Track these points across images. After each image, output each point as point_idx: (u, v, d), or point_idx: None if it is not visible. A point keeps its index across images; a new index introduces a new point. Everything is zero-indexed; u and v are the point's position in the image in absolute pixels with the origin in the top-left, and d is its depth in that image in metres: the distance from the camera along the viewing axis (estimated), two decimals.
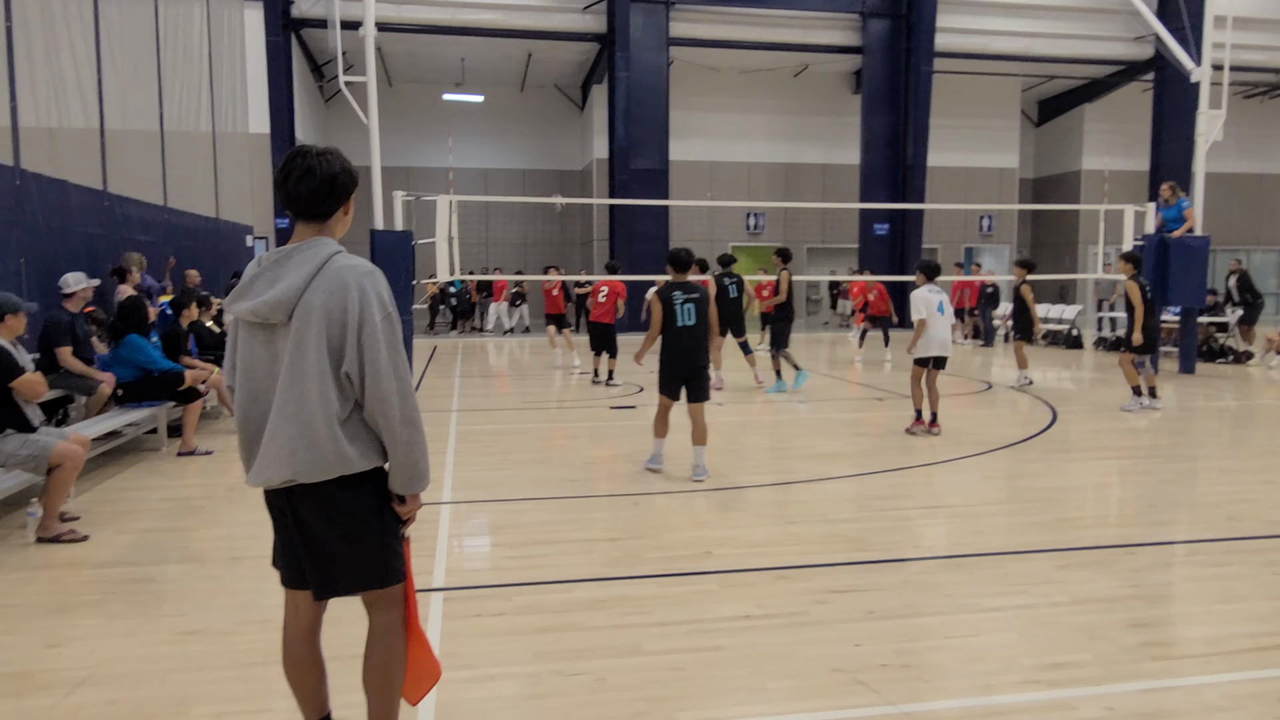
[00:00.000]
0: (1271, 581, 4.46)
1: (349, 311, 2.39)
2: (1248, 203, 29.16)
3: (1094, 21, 24.45)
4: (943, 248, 26.92)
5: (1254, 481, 6.69)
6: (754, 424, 9.59)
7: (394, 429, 2.45)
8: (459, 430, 8.93)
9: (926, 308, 8.20)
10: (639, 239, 22.30)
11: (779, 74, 25.70)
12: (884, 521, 5.58)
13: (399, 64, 25.15)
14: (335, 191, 2.50)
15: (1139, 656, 3.58)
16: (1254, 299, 16.10)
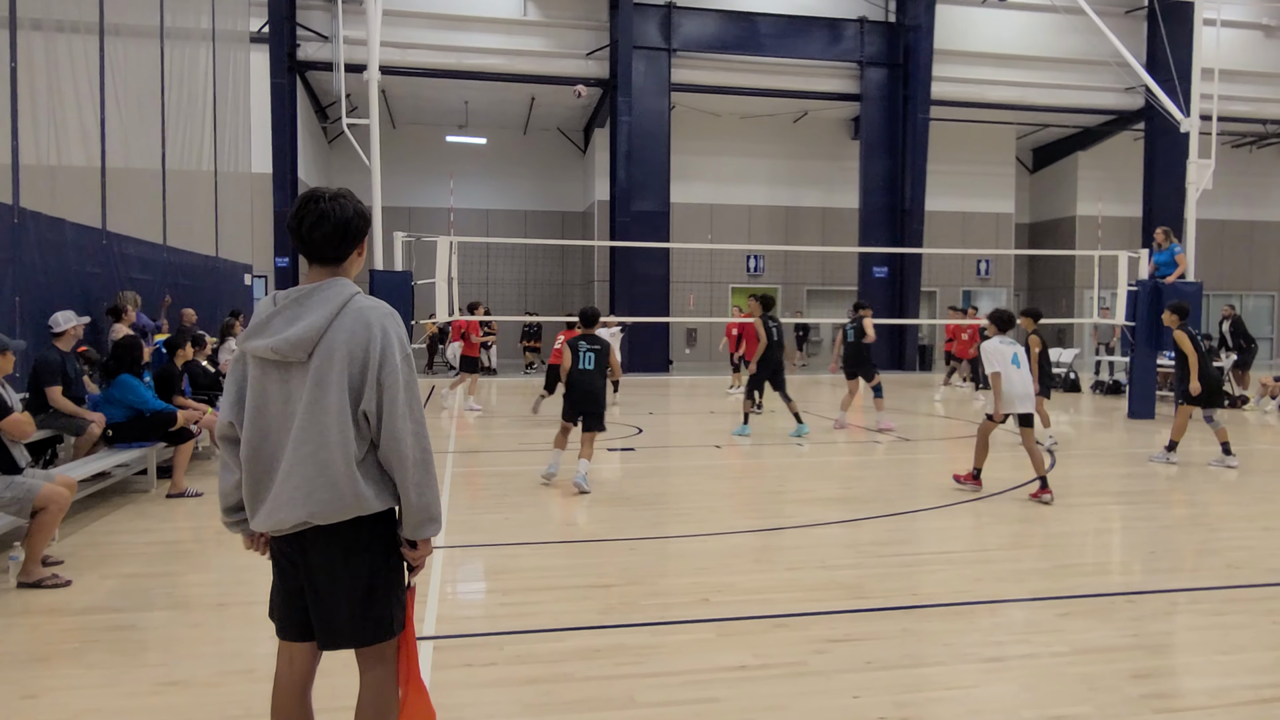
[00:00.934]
0: (1271, 631, 4.40)
1: (370, 351, 2.40)
2: (1239, 249, 29.40)
3: (1086, 72, 24.84)
4: (941, 291, 27.05)
5: (1252, 529, 6.63)
6: (753, 468, 9.54)
7: (407, 470, 2.43)
8: (454, 472, 8.87)
9: (1000, 361, 7.63)
10: (640, 280, 22.41)
11: (779, 119, 26.02)
12: (883, 568, 5.52)
13: (403, 106, 25.47)
14: (350, 235, 2.51)
15: (1141, 709, 3.52)
16: (1248, 344, 16.14)
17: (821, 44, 23.68)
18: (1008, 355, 7.64)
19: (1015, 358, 7.64)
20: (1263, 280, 30.10)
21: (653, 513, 7.15)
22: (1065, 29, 23.31)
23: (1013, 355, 7.64)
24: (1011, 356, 7.64)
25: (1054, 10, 22.05)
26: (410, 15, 21.33)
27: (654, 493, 8.17)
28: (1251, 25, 26.30)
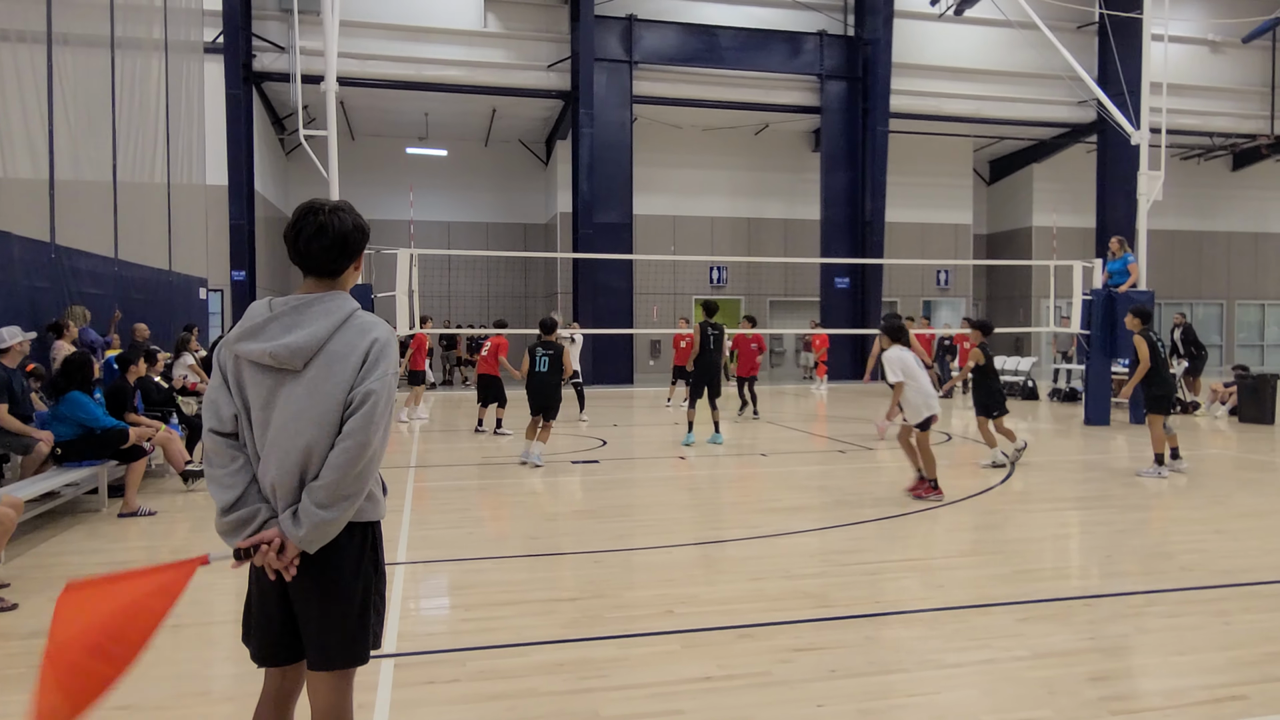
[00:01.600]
0: (1223, 632, 4.48)
1: (368, 357, 2.39)
2: (1189, 258, 30.16)
3: (1039, 86, 25.38)
4: (902, 301, 27.37)
5: (1205, 531, 6.77)
6: (717, 478, 9.55)
7: (350, 473, 2.34)
8: (415, 487, 8.77)
9: (904, 368, 7.87)
10: (603, 292, 22.41)
11: (741, 132, 26.23)
12: (847, 576, 5.54)
13: (362, 118, 25.27)
14: (348, 249, 2.48)
15: (1099, 711, 3.56)
16: (1198, 351, 16.53)
17: (781, 57, 23.93)
18: (912, 360, 7.97)
19: (920, 362, 8.05)
20: (1211, 289, 30.89)
21: (617, 525, 7.12)
22: (1019, 43, 23.81)
23: (917, 360, 8.04)
24: (917, 361, 8.02)
25: (1008, 25, 22.53)
26: (368, 26, 21.21)
27: (618, 505, 8.15)
28: (1198, 41, 27.08)
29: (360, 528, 2.47)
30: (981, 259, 30.13)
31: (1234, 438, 12.49)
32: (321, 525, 2.33)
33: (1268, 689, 3.77)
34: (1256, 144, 28.38)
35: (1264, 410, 13.98)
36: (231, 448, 2.43)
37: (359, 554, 2.47)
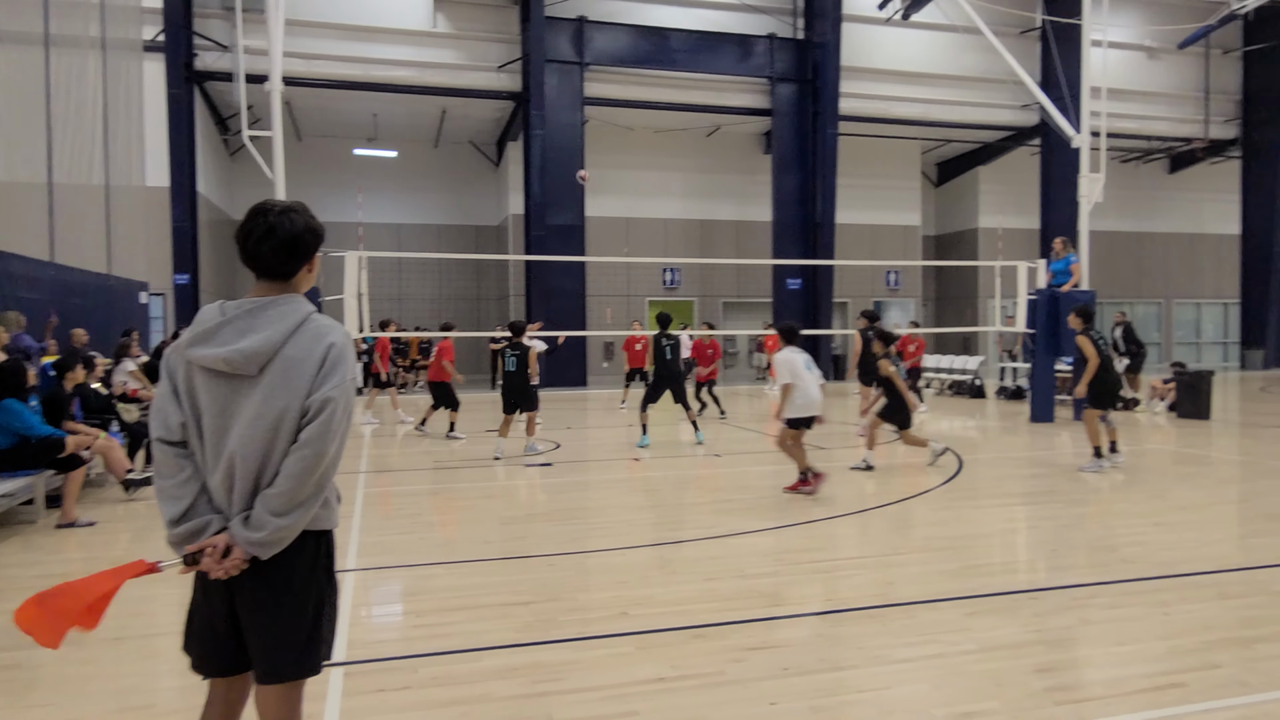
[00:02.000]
0: (1163, 622, 4.60)
1: (325, 364, 2.34)
2: (1129, 259, 31.01)
3: (985, 90, 25.90)
4: (852, 302, 27.71)
5: (1145, 524, 6.95)
6: (671, 480, 9.57)
7: (307, 482, 2.30)
8: (366, 493, 8.65)
9: (791, 370, 8.00)
10: (556, 294, 22.33)
11: (692, 134, 26.34)
12: (799, 575, 5.59)
13: (308, 119, 24.88)
14: (298, 251, 2.42)
15: (1044, 702, 3.63)
16: (1138, 349, 16.99)
17: (732, 60, 24.09)
18: (802, 363, 8.03)
19: (810, 364, 8.08)
20: (1150, 288, 31.78)
21: (571, 528, 7.09)
22: (965, 48, 24.29)
23: (806, 362, 8.06)
24: (805, 363, 8.05)
25: (954, 30, 22.96)
26: (314, 25, 20.89)
27: (572, 507, 8.12)
28: (1135, 47, 27.86)
29: (313, 536, 2.43)
30: (930, 260, 30.66)
31: (1172, 433, 12.86)
32: (276, 532, 2.29)
33: (1205, 676, 3.88)
34: (1192, 147, 29.29)
35: (1200, 406, 14.41)
36: (180, 457, 2.37)
37: (311, 563, 2.43)
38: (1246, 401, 18.14)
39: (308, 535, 2.41)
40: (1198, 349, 32.33)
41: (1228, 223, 30.96)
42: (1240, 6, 23.35)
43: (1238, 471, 9.63)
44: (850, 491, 8.41)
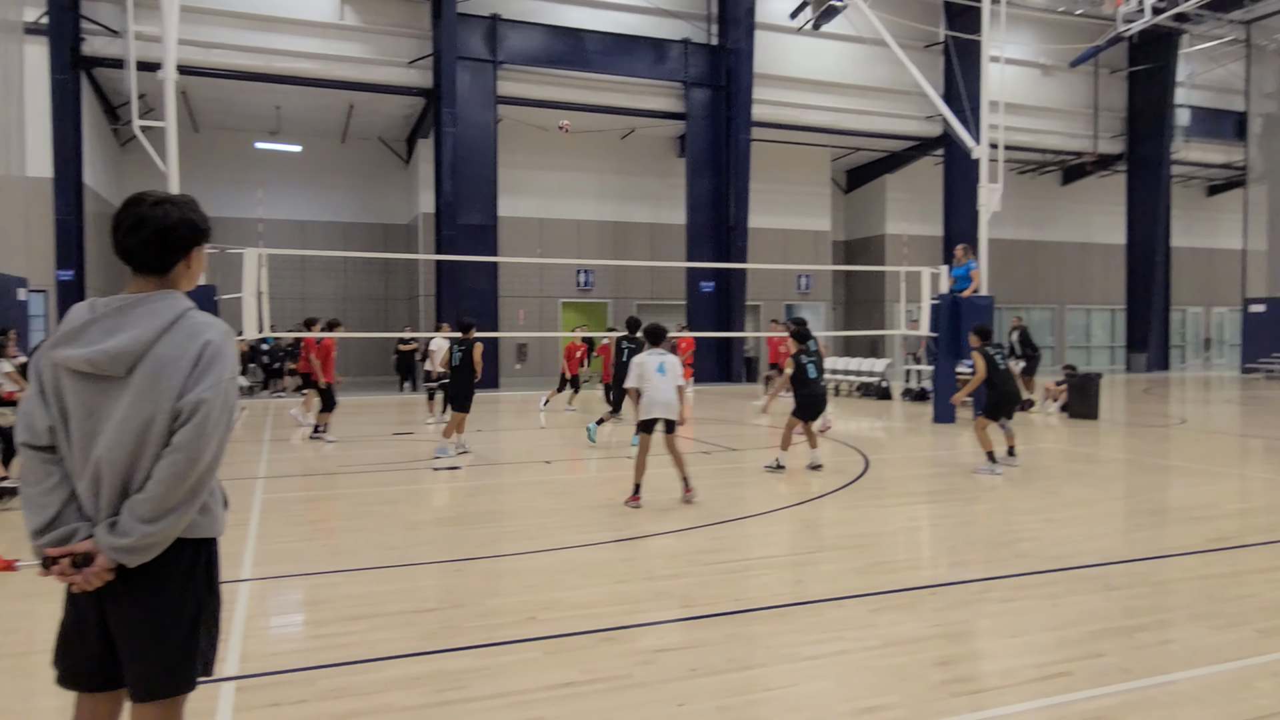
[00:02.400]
0: (1052, 613, 4.79)
1: (200, 362, 2.22)
2: (1025, 266, 32.35)
3: (891, 101, 26.65)
4: (765, 305, 28.16)
5: (1037, 520, 7.24)
6: (583, 482, 9.52)
7: (179, 488, 2.18)
8: (265, 499, 8.33)
9: (639, 373, 7.87)
10: (467, 295, 21.99)
11: (607, 135, 26.33)
12: (709, 576, 5.61)
13: (206, 109, 23.90)
14: (170, 244, 2.29)
15: (942, 694, 3.73)
16: (1033, 352, 17.74)
17: (647, 63, 24.18)
18: (653, 366, 7.88)
19: (662, 367, 7.88)
20: (1045, 294, 33.23)
21: (480, 532, 6.97)
22: (873, 60, 24.95)
23: (659, 365, 7.88)
24: (658, 366, 7.87)
25: (862, 42, 23.55)
26: (212, 13, 20.07)
27: (481, 511, 7.99)
28: (1031, 64, 29.10)
29: (191, 544, 2.30)
30: (840, 264, 31.39)
31: (1064, 432, 13.45)
32: (143, 539, 2.16)
33: (1090, 665, 4.04)
34: (1082, 161, 30.78)
35: (1090, 406, 15.12)
36: (46, 463, 2.23)
37: (188, 573, 2.30)
38: (1132, 402, 19.13)
39: (185, 543, 2.28)
40: (1088, 352, 33.95)
41: (1115, 233, 32.63)
42: (1126, 29, 24.57)
43: (1123, 469, 10.12)
44: (760, 492, 8.50)
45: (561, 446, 11.69)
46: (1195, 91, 31.78)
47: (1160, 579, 5.49)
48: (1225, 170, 33.29)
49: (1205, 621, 4.64)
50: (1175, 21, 27.55)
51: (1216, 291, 35.86)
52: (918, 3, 26.00)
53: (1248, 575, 5.55)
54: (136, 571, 2.22)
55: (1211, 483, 9.06)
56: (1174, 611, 4.86)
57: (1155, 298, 30.89)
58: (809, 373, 9.63)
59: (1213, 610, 4.83)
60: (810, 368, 9.63)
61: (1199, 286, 35.64)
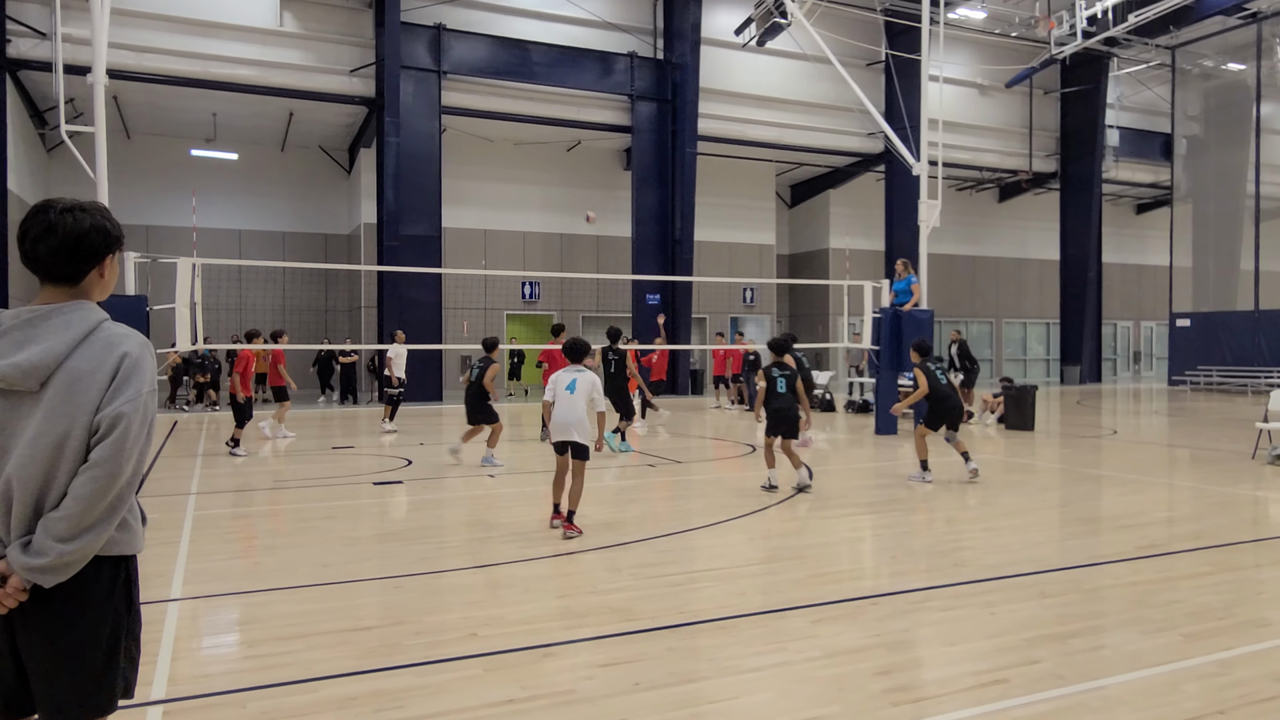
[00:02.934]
0: (989, 622, 4.86)
1: (117, 376, 2.13)
2: (964, 280, 33.12)
3: (834, 117, 27.11)
4: (710, 317, 28.33)
5: (975, 530, 7.37)
6: (528, 495, 9.42)
7: (98, 505, 2.09)
8: (196, 516, 8.08)
9: (553, 389, 7.36)
10: (410, 306, 21.73)
11: (553, 147, 26.30)
12: (652, 589, 5.58)
13: (139, 115, 23.26)
14: (81, 252, 2.20)
15: (882, 703, 3.75)
16: (972, 365, 18.11)
17: (593, 76, 24.22)
18: (564, 383, 7.35)
19: (572, 385, 7.28)
20: (983, 308, 34.03)
21: (420, 548, 6.85)
22: (816, 77, 25.33)
23: (569, 382, 7.30)
24: (568, 384, 7.31)
25: (805, 58, 23.91)
26: (146, 16, 19.59)
27: (422, 526, 7.85)
28: (969, 84, 29.87)
29: (110, 562, 2.21)
30: (784, 278, 31.75)
31: (1001, 443, 13.74)
32: (60, 558, 2.07)
33: (1026, 671, 4.11)
34: (1018, 179, 31.65)
35: (1026, 418, 15.47)
36: None
37: (107, 592, 2.21)
38: (1066, 414, 19.64)
39: (103, 561, 2.19)
40: (1024, 365, 34.82)
41: (1049, 249, 33.59)
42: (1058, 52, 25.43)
43: (1058, 478, 10.37)
44: (705, 505, 8.51)
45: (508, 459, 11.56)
46: (1124, 113, 32.96)
47: (1092, 586, 5.62)
48: (1153, 189, 34.53)
49: (1135, 627, 4.76)
50: (1105, 45, 28.56)
51: (1146, 306, 37.13)
52: (860, 22, 26.51)
53: (1176, 581, 5.71)
54: (52, 592, 2.12)
55: (1141, 491, 9.33)
56: (1105, 618, 4.98)
57: (1088, 312, 31.86)
58: (778, 387, 9.22)
59: (1142, 616, 4.95)
60: (780, 382, 9.21)
61: (1129, 301, 36.87)
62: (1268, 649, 4.43)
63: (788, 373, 9.26)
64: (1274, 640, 4.56)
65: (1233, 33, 28.97)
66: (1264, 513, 8.28)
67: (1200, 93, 31.51)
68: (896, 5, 25.61)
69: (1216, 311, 29.11)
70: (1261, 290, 27.83)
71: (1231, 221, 29.64)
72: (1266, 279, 27.99)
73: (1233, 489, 9.36)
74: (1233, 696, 3.83)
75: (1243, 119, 29.37)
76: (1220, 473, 10.54)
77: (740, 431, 15.36)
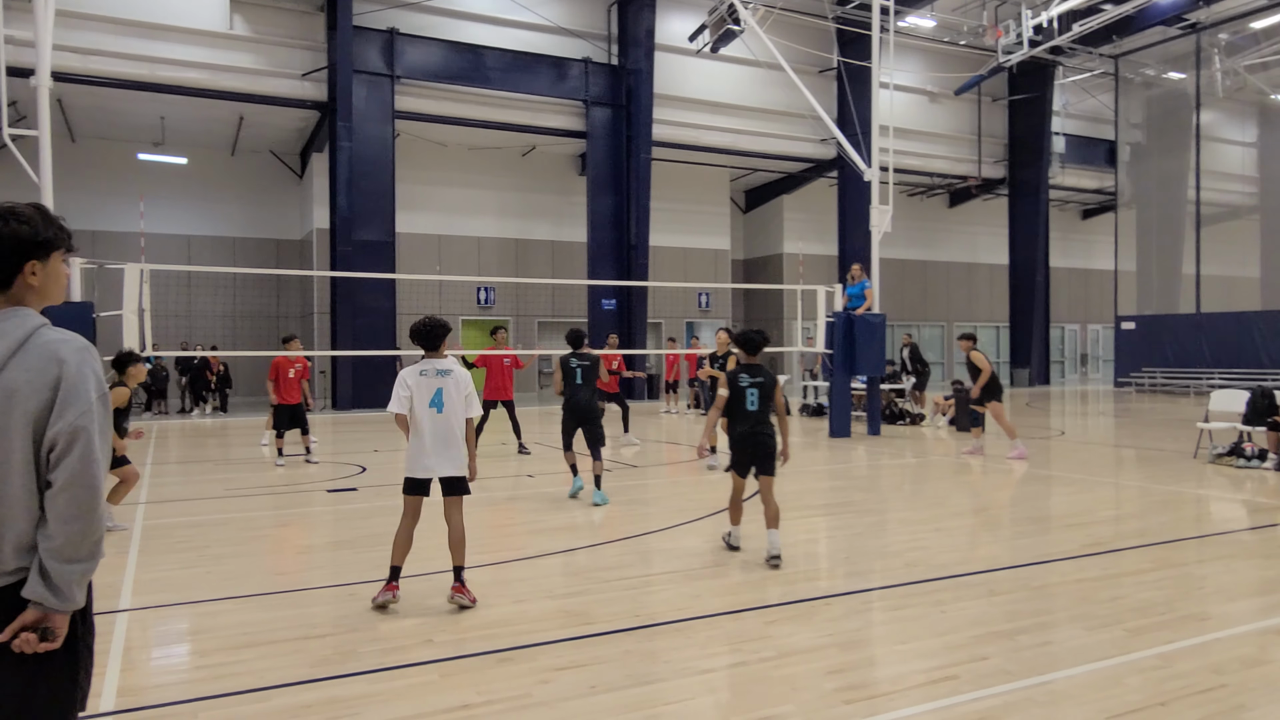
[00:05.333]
0: (939, 620, 4.96)
1: (61, 388, 2.07)
2: (915, 284, 33.66)
3: (787, 123, 27.39)
4: (666, 322, 28.43)
5: (927, 530, 7.50)
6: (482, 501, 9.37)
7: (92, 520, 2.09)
8: (146, 525, 7.92)
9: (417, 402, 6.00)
10: (364, 312, 21.50)
11: (508, 152, 26.22)
12: (609, 592, 5.60)
13: (85, 118, 22.73)
14: (4, 254, 2.16)
15: (834, 701, 3.81)
16: (923, 368, 18.41)
17: (548, 81, 24.20)
18: (429, 393, 6.30)
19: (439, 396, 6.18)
20: (935, 312, 34.61)
21: (375, 555, 6.77)
22: (769, 83, 25.60)
23: (436, 392, 6.24)
24: (434, 395, 6.23)
25: (758, 65, 24.15)
26: (92, 18, 19.15)
27: (376, 534, 7.76)
28: (919, 91, 30.38)
29: None
30: (739, 283, 31.98)
31: (953, 445, 13.98)
32: (83, 578, 2.11)
33: (974, 668, 4.20)
34: (967, 184, 32.28)
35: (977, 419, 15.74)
36: None
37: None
38: (1015, 416, 20.01)
39: None
40: None
41: (999, 253, 34.28)
42: (1005, 60, 26.00)
43: (1007, 479, 10.59)
44: (661, 509, 8.55)
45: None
46: (1070, 120, 33.77)
47: (1040, 584, 5.76)
48: (1098, 195, 35.43)
49: (1080, 623, 4.89)
50: (1050, 54, 29.29)
51: (1092, 309, 38.06)
52: (812, 29, 26.84)
53: (1120, 578, 5.88)
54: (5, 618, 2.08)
55: (1087, 491, 9.57)
56: (1052, 614, 5.10)
57: (1036, 315, 32.57)
58: (747, 403, 6.57)
59: (1087, 612, 5.09)
60: (750, 395, 6.55)
61: (1076, 305, 37.76)
62: (1207, 642, 4.59)
63: (761, 380, 6.57)
64: (1214, 634, 4.71)
65: (1173, 43, 29.87)
66: (1205, 510, 8.55)
67: (1142, 101, 32.43)
68: (848, 14, 25.98)
69: (1160, 315, 29.95)
70: (1203, 294, 28.68)
71: (1173, 226, 30.52)
72: (1207, 283, 28.85)
73: (1176, 487, 9.64)
74: (1174, 688, 3.96)
75: (1183, 126, 30.29)
76: (1164, 472, 10.85)
77: (696, 435, 15.44)
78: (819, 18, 26.17)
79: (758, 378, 6.54)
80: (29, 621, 2.08)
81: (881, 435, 15.25)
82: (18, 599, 2.09)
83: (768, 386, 6.54)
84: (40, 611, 2.08)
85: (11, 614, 2.09)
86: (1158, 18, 26.63)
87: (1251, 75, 29.25)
